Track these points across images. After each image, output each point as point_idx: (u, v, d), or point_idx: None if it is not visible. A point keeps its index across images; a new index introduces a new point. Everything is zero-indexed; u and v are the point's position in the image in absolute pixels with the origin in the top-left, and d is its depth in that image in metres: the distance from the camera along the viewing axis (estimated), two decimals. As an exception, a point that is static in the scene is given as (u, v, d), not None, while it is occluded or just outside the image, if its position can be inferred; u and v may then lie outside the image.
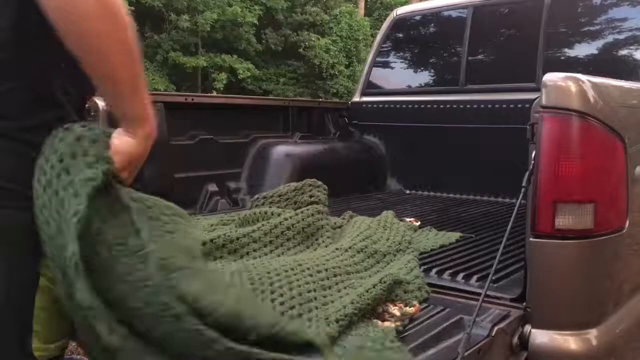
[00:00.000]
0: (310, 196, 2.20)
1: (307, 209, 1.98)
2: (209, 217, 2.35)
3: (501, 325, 1.30)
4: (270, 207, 2.25)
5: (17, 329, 0.98)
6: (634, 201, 1.47)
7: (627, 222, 1.45)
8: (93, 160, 0.91)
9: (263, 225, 1.83)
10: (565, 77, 1.35)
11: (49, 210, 0.89)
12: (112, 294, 0.89)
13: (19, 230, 0.96)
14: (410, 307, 1.38)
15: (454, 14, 3.42)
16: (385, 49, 3.66)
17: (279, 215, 1.97)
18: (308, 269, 1.43)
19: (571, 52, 3.00)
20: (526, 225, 1.41)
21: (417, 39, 3.72)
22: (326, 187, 2.29)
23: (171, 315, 0.89)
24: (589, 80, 1.38)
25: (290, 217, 1.90)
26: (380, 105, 3.49)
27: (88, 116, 1.72)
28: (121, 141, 0.98)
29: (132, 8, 16.21)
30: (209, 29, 17.74)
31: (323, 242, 1.89)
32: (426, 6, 3.57)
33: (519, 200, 1.37)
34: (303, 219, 1.91)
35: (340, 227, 2.15)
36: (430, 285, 1.56)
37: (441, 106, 3.23)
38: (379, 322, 1.29)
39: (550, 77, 1.36)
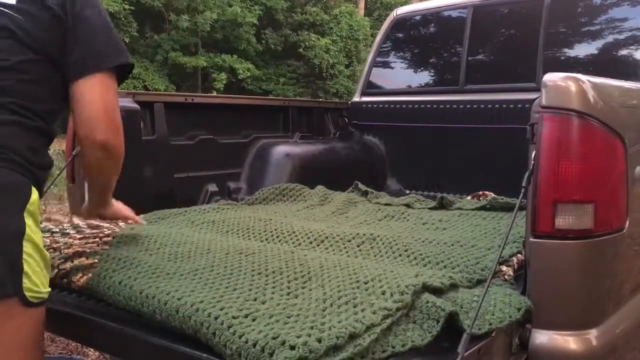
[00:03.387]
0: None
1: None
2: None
3: (501, 325, 1.30)
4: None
5: (8, 268, 1.19)
6: (634, 201, 1.47)
7: (627, 222, 1.45)
8: None
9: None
10: (565, 77, 1.35)
11: None
12: None
13: (10, 188, 1.23)
14: None
15: (454, 14, 3.42)
16: (385, 49, 3.66)
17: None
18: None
19: (571, 52, 3.00)
20: (526, 225, 1.41)
21: (417, 39, 3.71)
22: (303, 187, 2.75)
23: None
24: (589, 80, 1.38)
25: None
26: (380, 105, 3.49)
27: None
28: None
29: (132, 8, 16.21)
30: (209, 29, 17.75)
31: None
32: (426, 6, 3.56)
33: (518, 201, 1.37)
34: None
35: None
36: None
37: (441, 106, 3.23)
38: None
39: (550, 77, 1.36)
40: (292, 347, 1.01)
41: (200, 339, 1.16)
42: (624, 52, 2.86)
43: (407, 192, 3.27)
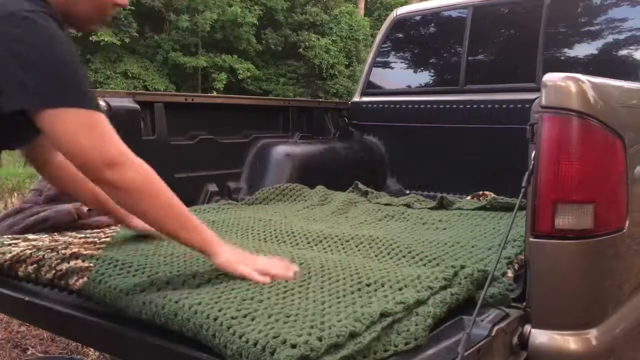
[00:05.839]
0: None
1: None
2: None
3: (501, 325, 1.30)
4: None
5: None
6: (634, 201, 1.47)
7: (627, 222, 1.45)
8: None
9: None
10: (565, 77, 1.35)
11: None
12: None
13: None
14: None
15: (454, 14, 3.42)
16: (385, 49, 3.66)
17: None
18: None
19: (571, 52, 3.00)
20: (526, 225, 1.41)
21: (417, 39, 3.72)
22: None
23: None
24: (589, 80, 1.38)
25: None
26: (380, 105, 3.49)
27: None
28: (218, 262, 1.37)
29: (133, 8, 16.21)
30: (209, 29, 17.76)
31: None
32: (426, 6, 3.56)
33: (518, 201, 1.37)
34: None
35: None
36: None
37: (441, 106, 3.23)
38: None
39: (550, 77, 1.36)
40: (294, 346, 1.01)
41: (201, 341, 1.16)
42: (624, 52, 2.86)
43: (407, 192, 3.27)
